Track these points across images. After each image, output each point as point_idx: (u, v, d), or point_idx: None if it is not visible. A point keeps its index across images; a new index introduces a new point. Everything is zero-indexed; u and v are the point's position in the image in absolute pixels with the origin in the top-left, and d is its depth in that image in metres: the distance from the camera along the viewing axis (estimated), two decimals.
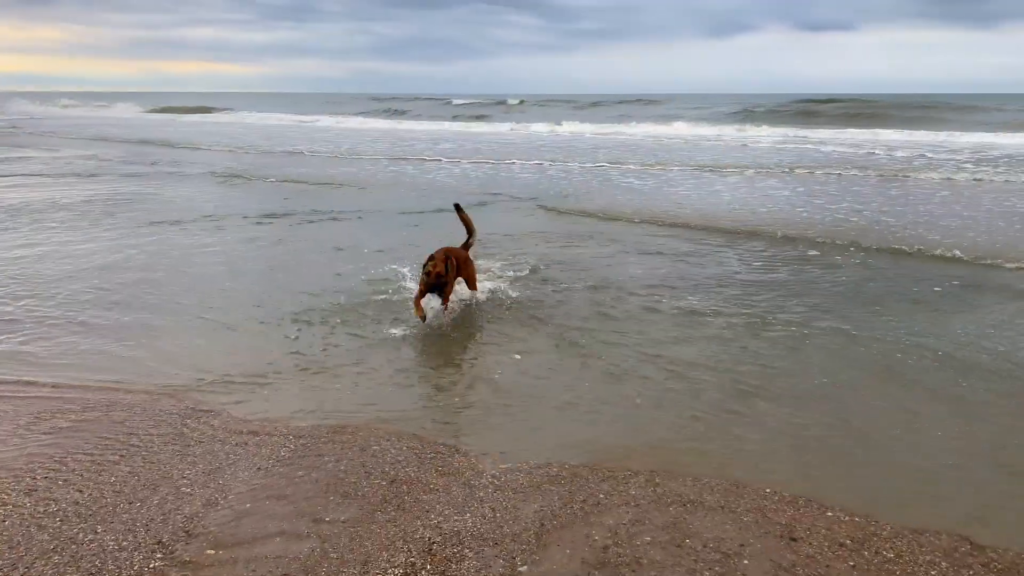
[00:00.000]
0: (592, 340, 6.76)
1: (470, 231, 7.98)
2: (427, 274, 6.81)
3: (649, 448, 4.77)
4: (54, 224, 12.37)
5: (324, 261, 9.82)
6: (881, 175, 19.56)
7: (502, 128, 43.07)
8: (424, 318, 6.94)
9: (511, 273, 9.09)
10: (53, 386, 5.58)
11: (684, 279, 8.97)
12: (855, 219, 13.02)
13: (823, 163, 22.73)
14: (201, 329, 7.05)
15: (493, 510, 4.03)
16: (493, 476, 4.38)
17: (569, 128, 41.40)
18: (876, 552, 3.67)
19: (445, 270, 6.88)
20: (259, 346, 6.58)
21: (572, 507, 4.06)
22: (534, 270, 9.31)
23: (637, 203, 15.26)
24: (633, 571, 3.51)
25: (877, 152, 25.72)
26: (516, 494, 4.19)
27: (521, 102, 77.04)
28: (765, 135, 34.37)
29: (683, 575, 3.48)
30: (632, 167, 22.23)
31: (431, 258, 6.90)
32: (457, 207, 8.17)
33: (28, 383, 5.64)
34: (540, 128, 41.85)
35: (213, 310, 7.59)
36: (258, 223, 12.92)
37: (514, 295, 8.13)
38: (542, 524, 3.89)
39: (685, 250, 10.69)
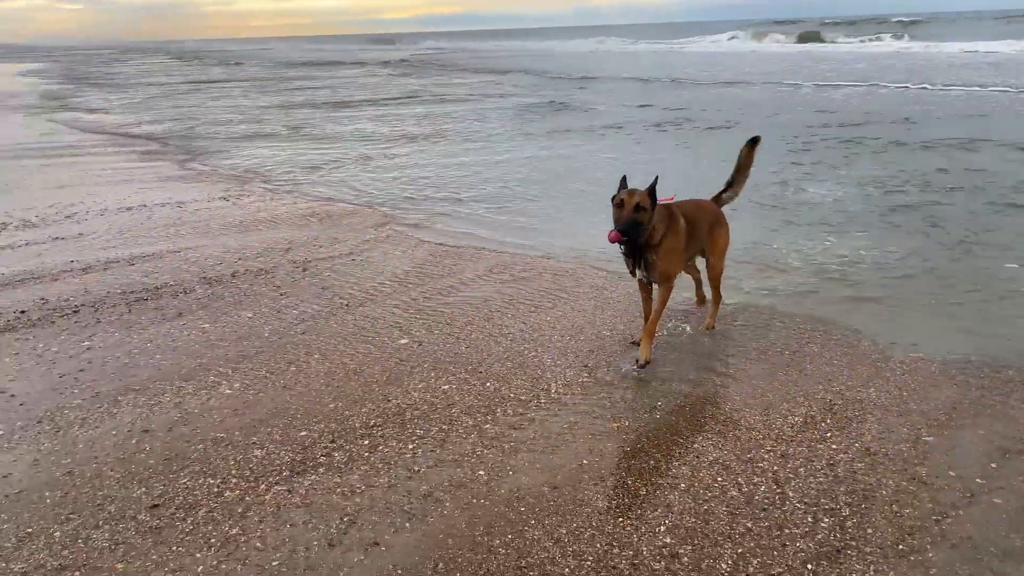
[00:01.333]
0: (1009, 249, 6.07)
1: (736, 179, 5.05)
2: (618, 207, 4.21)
3: None
4: (485, 132, 14.43)
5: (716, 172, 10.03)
6: None
7: (900, 46, 38.10)
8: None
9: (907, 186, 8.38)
10: (497, 251, 6.78)
11: None
12: None
13: None
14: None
15: (900, 389, 4.00)
16: (902, 362, 4.33)
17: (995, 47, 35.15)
18: None
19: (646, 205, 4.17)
20: None
21: (991, 398, 3.86)
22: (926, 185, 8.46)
23: None
24: None
25: None
26: (926, 380, 4.10)
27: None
28: None
29: None
30: None
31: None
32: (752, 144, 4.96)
33: (480, 247, 6.95)
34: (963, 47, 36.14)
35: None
36: (660, 131, 13.80)
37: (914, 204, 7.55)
38: (953, 407, 3.79)
39: None
